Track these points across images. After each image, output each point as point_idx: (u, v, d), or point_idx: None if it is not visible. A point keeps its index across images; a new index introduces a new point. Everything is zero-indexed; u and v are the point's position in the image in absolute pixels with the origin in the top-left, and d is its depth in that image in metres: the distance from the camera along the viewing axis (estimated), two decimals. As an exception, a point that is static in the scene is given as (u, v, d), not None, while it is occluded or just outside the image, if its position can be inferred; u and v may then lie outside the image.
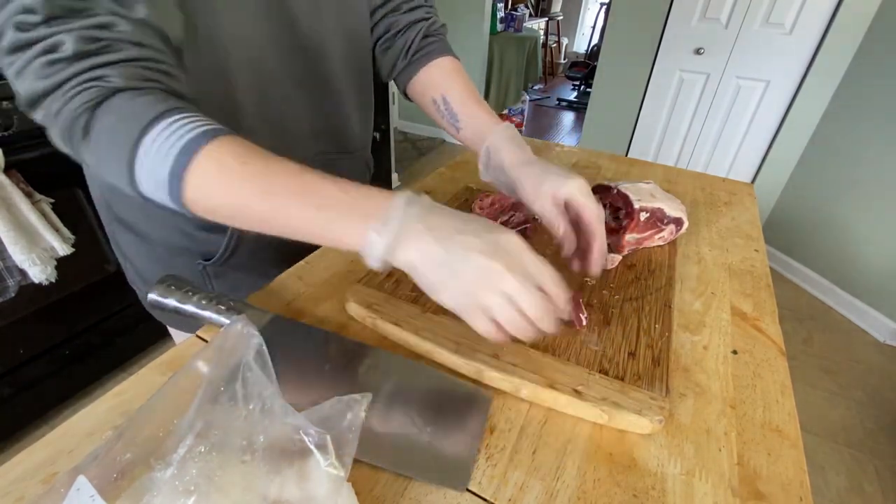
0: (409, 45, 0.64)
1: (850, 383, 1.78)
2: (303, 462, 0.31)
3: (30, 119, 0.38)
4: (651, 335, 0.52)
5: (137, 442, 0.30)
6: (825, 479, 1.43)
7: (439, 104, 0.63)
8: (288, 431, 0.31)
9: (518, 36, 4.13)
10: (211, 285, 0.65)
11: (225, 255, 0.61)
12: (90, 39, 0.34)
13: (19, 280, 1.14)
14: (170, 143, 0.35)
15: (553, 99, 5.22)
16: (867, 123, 1.99)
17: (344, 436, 0.32)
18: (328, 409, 0.33)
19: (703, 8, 2.27)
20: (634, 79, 2.61)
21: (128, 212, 0.61)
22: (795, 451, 0.43)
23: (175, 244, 0.61)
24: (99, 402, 0.43)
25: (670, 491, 0.39)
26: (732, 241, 0.77)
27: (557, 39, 6.16)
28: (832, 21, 2.02)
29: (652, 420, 0.42)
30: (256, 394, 0.31)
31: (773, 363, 0.53)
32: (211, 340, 0.36)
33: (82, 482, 0.27)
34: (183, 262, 0.62)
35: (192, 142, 0.35)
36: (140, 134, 0.35)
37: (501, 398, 0.46)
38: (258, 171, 0.37)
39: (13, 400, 1.28)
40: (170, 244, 0.61)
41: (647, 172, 1.01)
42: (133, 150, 0.36)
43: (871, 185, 1.99)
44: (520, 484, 0.38)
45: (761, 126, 2.36)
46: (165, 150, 0.35)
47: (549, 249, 0.66)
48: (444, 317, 0.52)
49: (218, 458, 0.29)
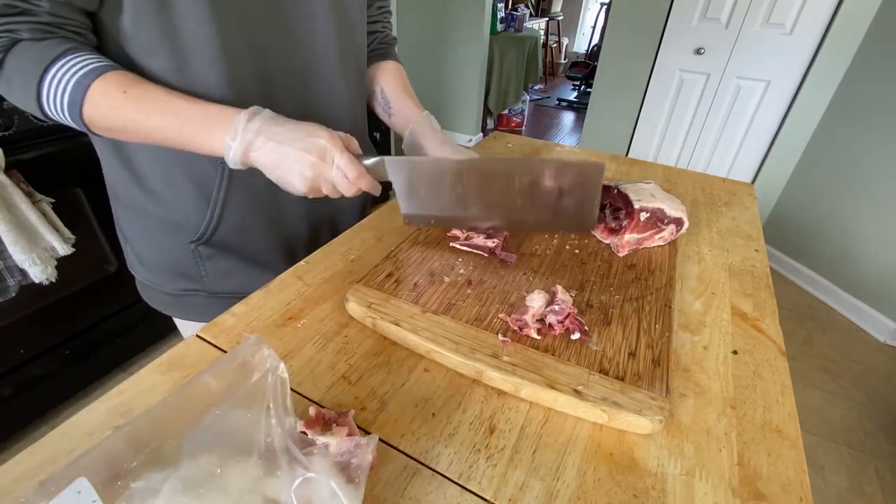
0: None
1: (850, 383, 1.78)
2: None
3: (30, 119, 0.39)
4: (651, 335, 0.51)
5: (138, 446, 0.30)
6: (825, 480, 1.43)
7: (378, 95, 0.75)
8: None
9: (518, 36, 4.13)
10: (204, 269, 0.66)
11: (211, 226, 0.62)
12: (11, 6, 0.45)
13: (20, 280, 1.14)
14: (66, 77, 0.46)
15: (553, 99, 5.22)
16: (867, 123, 1.98)
17: (353, 477, 0.32)
18: (337, 449, 0.33)
19: (703, 8, 2.27)
20: (635, 79, 2.61)
21: (123, 187, 0.63)
22: (795, 452, 0.43)
23: (168, 219, 0.63)
24: (99, 403, 0.43)
25: (670, 491, 0.39)
26: (733, 242, 0.77)
27: (558, 39, 6.16)
28: (832, 21, 2.02)
29: (652, 420, 0.42)
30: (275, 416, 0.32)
31: (773, 363, 0.53)
32: (225, 356, 0.36)
33: (84, 485, 0.27)
34: (176, 242, 0.64)
35: (84, 76, 0.46)
36: (44, 71, 0.46)
37: (501, 398, 0.46)
38: (136, 96, 0.48)
39: (13, 400, 1.28)
40: (164, 219, 0.63)
41: (648, 172, 1.01)
42: (38, 85, 0.46)
43: (871, 185, 1.99)
44: (520, 484, 0.38)
45: (762, 126, 2.36)
46: (64, 83, 0.46)
47: (550, 249, 0.66)
48: (444, 317, 0.52)
49: (218, 458, 0.29)
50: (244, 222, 0.65)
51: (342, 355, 0.50)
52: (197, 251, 0.65)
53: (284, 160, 0.50)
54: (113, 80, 0.47)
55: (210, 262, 0.66)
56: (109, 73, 0.47)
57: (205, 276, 0.67)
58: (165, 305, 0.71)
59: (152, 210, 0.62)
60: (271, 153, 0.50)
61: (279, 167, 0.51)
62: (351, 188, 0.54)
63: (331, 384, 0.47)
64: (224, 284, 0.68)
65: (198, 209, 0.62)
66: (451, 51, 3.42)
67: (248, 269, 0.68)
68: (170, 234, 0.64)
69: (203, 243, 0.64)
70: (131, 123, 0.49)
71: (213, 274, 0.67)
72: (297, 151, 0.50)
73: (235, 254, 0.67)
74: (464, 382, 0.48)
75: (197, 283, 0.67)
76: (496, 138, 1.16)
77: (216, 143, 0.50)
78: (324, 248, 0.68)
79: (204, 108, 0.50)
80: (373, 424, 0.43)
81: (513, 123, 4.27)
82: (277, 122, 0.50)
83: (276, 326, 0.53)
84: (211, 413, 0.32)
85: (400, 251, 0.63)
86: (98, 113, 0.48)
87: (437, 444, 0.41)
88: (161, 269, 0.67)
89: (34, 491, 0.27)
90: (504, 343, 0.49)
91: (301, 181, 0.51)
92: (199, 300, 0.69)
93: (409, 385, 0.47)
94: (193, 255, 0.65)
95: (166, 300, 0.70)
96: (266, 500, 0.30)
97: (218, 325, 0.53)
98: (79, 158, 1.23)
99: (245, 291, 0.59)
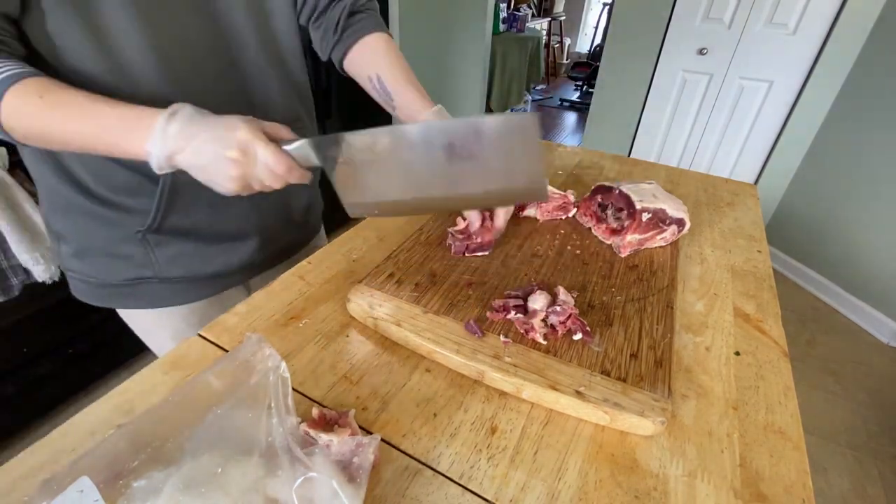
0: (336, 22, 0.67)
1: (853, 385, 1.77)
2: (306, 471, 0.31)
3: None
4: (653, 336, 0.51)
5: (140, 445, 0.30)
6: (828, 481, 1.42)
7: (374, 83, 0.66)
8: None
9: (521, 36, 4.13)
10: (154, 256, 0.64)
11: (159, 216, 0.61)
12: None
13: (23, 279, 1.15)
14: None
15: (556, 99, 5.21)
16: (871, 124, 1.98)
17: (354, 477, 0.32)
18: (339, 448, 0.33)
19: (706, 8, 2.26)
20: (637, 79, 2.60)
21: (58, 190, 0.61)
22: (798, 453, 0.43)
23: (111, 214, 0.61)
24: (101, 402, 0.43)
25: (672, 492, 0.38)
26: (735, 242, 0.76)
27: (560, 40, 6.15)
28: (836, 21, 2.01)
29: (654, 421, 0.42)
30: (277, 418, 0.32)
31: (775, 365, 0.53)
32: (226, 354, 0.36)
33: (86, 484, 0.27)
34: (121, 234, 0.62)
35: (1, 83, 0.44)
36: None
37: (503, 399, 0.46)
38: (53, 102, 0.46)
39: (16, 399, 1.28)
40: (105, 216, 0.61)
41: (650, 173, 1.01)
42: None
43: (874, 185, 1.98)
44: (521, 484, 0.38)
45: (764, 126, 2.36)
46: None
47: (551, 250, 0.66)
48: (446, 317, 0.52)
49: (220, 457, 0.29)
50: (192, 206, 0.63)
51: (344, 355, 0.50)
52: (146, 238, 0.63)
53: (207, 162, 0.47)
54: (32, 85, 0.46)
55: (160, 249, 0.64)
56: (29, 79, 0.46)
57: (155, 263, 0.65)
58: (109, 298, 0.68)
59: (93, 209, 0.60)
60: (193, 156, 0.46)
61: (205, 170, 0.47)
62: (278, 182, 0.50)
63: (332, 384, 0.47)
64: (175, 269, 0.66)
65: (142, 202, 0.60)
66: (453, 51, 3.42)
67: (200, 249, 0.66)
68: (114, 228, 0.62)
69: (152, 232, 0.62)
70: (49, 130, 0.47)
71: (164, 259, 0.65)
72: (217, 149, 0.46)
73: (186, 236, 0.65)
74: (465, 383, 0.47)
75: (147, 269, 0.65)
76: (498, 138, 1.16)
77: (138, 150, 0.47)
78: (325, 248, 0.68)
79: (122, 113, 0.47)
80: (374, 424, 0.43)
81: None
82: (196, 121, 0.47)
83: (277, 326, 0.54)
84: (212, 412, 0.32)
85: (401, 251, 0.63)
86: (15, 120, 0.46)
87: (438, 445, 0.41)
88: (105, 261, 0.65)
89: (37, 490, 0.27)
90: (505, 344, 0.49)
91: (228, 181, 0.48)
92: (153, 286, 0.67)
93: (411, 385, 0.47)
94: (142, 242, 0.63)
95: (110, 293, 0.67)
96: (267, 499, 0.30)
97: (220, 324, 0.54)
98: (82, 158, 1.23)
99: (197, 274, 0.57)
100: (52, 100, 0.46)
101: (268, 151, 0.48)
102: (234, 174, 0.47)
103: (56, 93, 0.46)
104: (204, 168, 0.47)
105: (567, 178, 0.96)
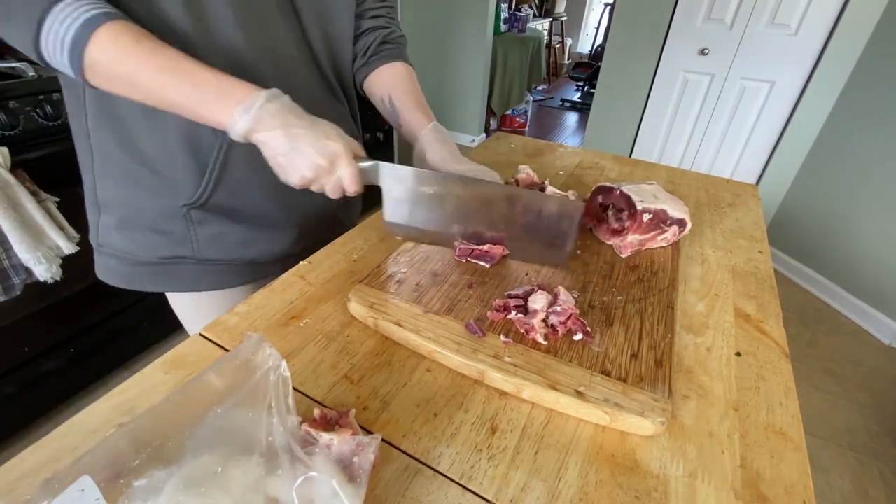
0: (367, 48, 0.72)
1: (854, 386, 1.76)
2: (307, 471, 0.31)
3: (36, 118, 0.39)
4: (654, 337, 0.51)
5: (141, 444, 0.30)
6: (829, 483, 1.42)
7: (386, 102, 0.72)
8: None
9: (522, 37, 4.13)
10: (195, 234, 0.64)
11: (207, 191, 0.61)
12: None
13: (25, 278, 1.15)
14: (74, 16, 0.44)
15: (557, 99, 5.21)
16: (873, 124, 1.97)
17: (354, 476, 0.32)
18: (339, 448, 0.33)
19: (707, 8, 2.26)
20: (638, 79, 2.60)
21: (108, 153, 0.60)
22: (799, 454, 0.43)
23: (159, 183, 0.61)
24: (102, 401, 0.43)
25: (672, 493, 0.38)
26: (736, 243, 0.76)
27: (561, 40, 6.15)
28: (838, 22, 2.01)
29: (654, 422, 0.42)
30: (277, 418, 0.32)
31: (776, 365, 0.53)
32: (227, 354, 0.36)
33: (87, 483, 0.27)
34: (166, 206, 0.62)
35: (94, 18, 0.44)
36: (49, 5, 0.43)
37: (503, 399, 0.46)
38: (149, 49, 0.46)
39: (17, 398, 1.28)
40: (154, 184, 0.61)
41: (651, 173, 1.01)
42: (42, 16, 0.44)
43: (876, 186, 1.97)
44: (522, 484, 0.38)
45: (766, 127, 2.35)
46: (72, 18, 0.44)
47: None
48: (446, 317, 0.52)
49: (220, 457, 0.29)
50: (241, 186, 0.63)
51: (344, 355, 0.50)
52: (189, 215, 0.63)
53: (293, 154, 0.49)
54: (125, 28, 0.46)
55: (201, 227, 0.64)
56: (122, 20, 0.46)
57: (194, 241, 0.65)
58: (140, 278, 0.67)
59: (141, 175, 0.60)
60: (281, 142, 0.49)
61: (284, 157, 0.50)
62: (339, 193, 0.54)
63: (333, 384, 0.47)
64: (213, 251, 0.66)
65: (193, 175, 0.60)
66: (454, 51, 3.42)
67: (241, 233, 0.66)
68: (160, 199, 0.62)
69: (197, 207, 0.62)
70: (137, 76, 0.46)
71: (204, 239, 0.65)
72: (309, 151, 0.49)
73: (229, 217, 0.65)
74: (465, 383, 0.47)
75: (185, 248, 0.65)
76: (499, 139, 1.16)
77: (224, 112, 0.48)
78: (326, 248, 0.68)
79: (218, 76, 0.48)
80: (374, 424, 0.43)
81: (516, 124, 4.26)
82: (295, 113, 0.50)
83: (278, 325, 0.54)
84: (213, 411, 0.32)
85: (402, 251, 0.63)
86: (105, 57, 0.45)
87: (438, 445, 0.41)
88: (145, 236, 0.64)
89: (38, 489, 0.27)
90: (506, 344, 0.49)
91: (299, 178, 0.51)
92: (187, 268, 0.67)
93: (411, 385, 0.47)
94: (185, 218, 0.63)
95: (141, 273, 0.67)
96: (268, 498, 0.30)
97: (220, 323, 0.54)
98: (83, 158, 1.23)
99: (234, 258, 0.58)
100: (148, 46, 0.46)
101: (348, 171, 0.52)
102: (310, 175, 0.51)
103: (153, 41, 0.47)
104: (285, 155, 0.50)
105: (568, 178, 0.96)
